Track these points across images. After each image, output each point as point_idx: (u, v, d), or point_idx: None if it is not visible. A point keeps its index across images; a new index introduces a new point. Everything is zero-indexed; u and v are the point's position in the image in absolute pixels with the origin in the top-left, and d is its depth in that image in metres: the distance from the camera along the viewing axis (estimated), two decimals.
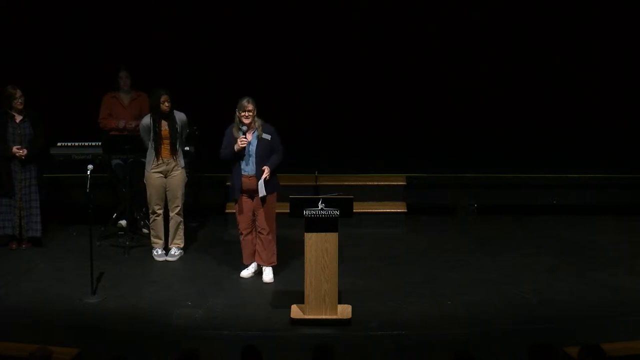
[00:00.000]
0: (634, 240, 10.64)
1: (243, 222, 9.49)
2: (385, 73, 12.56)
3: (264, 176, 9.23)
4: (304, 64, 12.39)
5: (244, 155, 9.31)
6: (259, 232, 9.44)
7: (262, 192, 9.25)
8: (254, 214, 9.43)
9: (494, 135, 12.23)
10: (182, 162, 10.04)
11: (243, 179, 9.35)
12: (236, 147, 9.25)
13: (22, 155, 10.12)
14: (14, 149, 10.10)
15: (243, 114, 9.25)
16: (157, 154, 9.93)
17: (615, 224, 11.22)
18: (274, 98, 11.53)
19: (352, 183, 11.25)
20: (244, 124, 9.30)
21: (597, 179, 11.61)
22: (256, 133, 9.30)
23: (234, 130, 9.35)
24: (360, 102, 12.54)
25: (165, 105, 9.86)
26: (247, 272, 9.63)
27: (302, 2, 12.35)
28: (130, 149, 10.29)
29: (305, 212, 8.45)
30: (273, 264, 9.50)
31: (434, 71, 12.53)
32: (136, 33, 12.14)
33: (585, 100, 12.41)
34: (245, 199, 9.41)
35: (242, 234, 9.54)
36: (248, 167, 9.35)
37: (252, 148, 9.30)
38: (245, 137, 9.26)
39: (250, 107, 9.26)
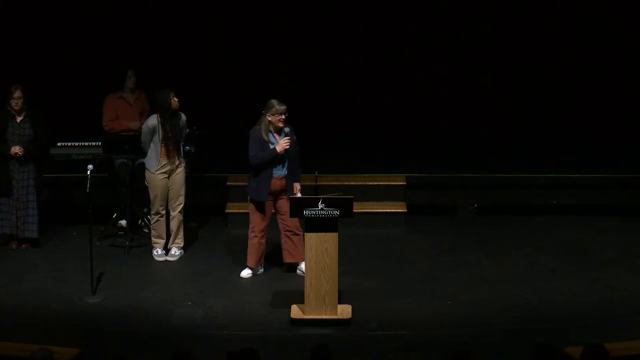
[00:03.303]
0: (634, 240, 10.64)
1: (260, 224, 9.44)
2: (385, 73, 12.56)
3: (297, 194, 9.27)
4: (303, 64, 12.40)
5: (279, 157, 9.28)
6: (286, 231, 9.38)
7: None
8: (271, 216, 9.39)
9: (494, 135, 12.23)
10: (183, 160, 10.05)
11: (273, 180, 9.32)
12: (279, 148, 9.21)
13: (18, 154, 10.09)
14: (12, 148, 10.09)
15: (280, 117, 9.21)
16: (166, 153, 9.89)
17: (616, 224, 11.21)
18: (274, 98, 11.55)
19: (352, 183, 11.23)
20: (278, 127, 9.25)
21: (597, 179, 11.60)
22: (283, 134, 9.31)
23: (264, 133, 9.29)
24: (360, 102, 12.55)
25: (175, 101, 9.86)
26: (246, 272, 9.62)
27: (302, 2, 12.35)
28: (130, 149, 10.29)
29: (305, 212, 8.46)
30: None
31: (434, 71, 12.53)
32: (136, 33, 12.14)
33: (585, 100, 12.41)
34: (267, 202, 9.38)
35: (256, 236, 9.48)
36: (279, 169, 9.34)
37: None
38: (289, 139, 9.24)
39: (285, 108, 9.22)
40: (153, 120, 9.92)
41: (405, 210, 11.31)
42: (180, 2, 12.32)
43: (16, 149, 10.08)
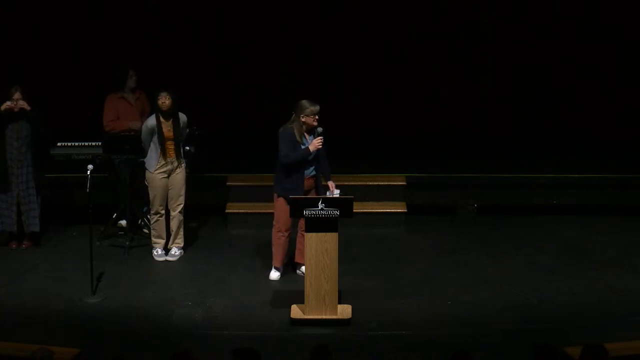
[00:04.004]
0: (634, 240, 10.65)
1: (287, 223, 9.38)
2: (385, 73, 12.55)
3: (334, 191, 9.21)
4: (303, 64, 12.39)
5: (311, 157, 9.30)
6: (303, 230, 9.36)
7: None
8: None
9: (494, 135, 12.22)
10: (183, 160, 10.04)
11: (305, 180, 9.33)
12: (312, 148, 9.21)
13: (19, 106, 10.02)
14: (7, 104, 10.02)
15: (315, 117, 9.24)
16: (163, 154, 9.91)
17: (616, 224, 11.21)
18: (274, 98, 11.56)
19: (352, 183, 11.23)
20: (311, 127, 9.27)
21: (597, 179, 11.61)
22: (316, 133, 9.34)
23: (297, 133, 9.28)
24: (360, 102, 12.54)
25: (160, 102, 9.85)
26: (276, 275, 9.56)
27: (302, 2, 12.35)
28: (131, 149, 10.29)
29: (305, 212, 8.47)
30: None
31: (434, 71, 12.53)
32: (136, 33, 12.13)
33: (585, 100, 12.40)
34: None
35: (283, 235, 9.44)
36: (310, 168, 9.35)
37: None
38: (322, 139, 9.26)
39: (319, 107, 9.25)
40: (152, 121, 9.93)
41: (405, 210, 11.31)
42: (180, 2, 12.31)
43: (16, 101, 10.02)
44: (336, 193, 9.15)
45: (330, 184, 9.42)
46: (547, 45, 12.43)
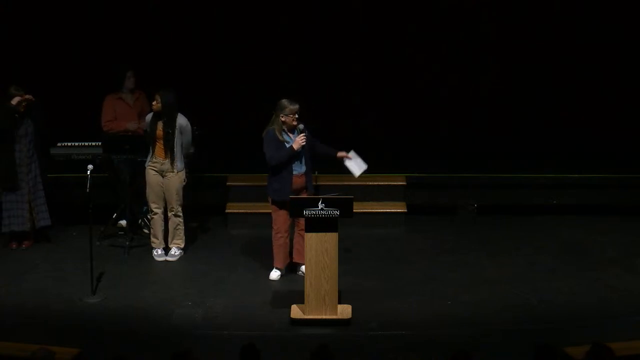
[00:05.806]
0: (634, 240, 10.65)
1: (285, 224, 9.40)
2: (385, 73, 12.55)
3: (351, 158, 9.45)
4: (303, 64, 12.39)
5: (297, 154, 9.30)
6: (301, 230, 9.35)
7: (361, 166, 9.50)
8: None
9: (494, 135, 12.22)
10: (179, 165, 10.01)
11: (294, 178, 9.33)
12: (296, 146, 9.23)
13: (29, 99, 10.05)
14: (16, 98, 10.05)
15: (294, 116, 9.25)
16: (152, 151, 9.98)
17: (616, 224, 11.22)
18: (274, 98, 11.53)
19: (352, 183, 11.21)
20: (292, 126, 9.29)
21: (597, 179, 11.61)
22: (297, 131, 9.34)
23: (278, 133, 9.31)
24: (360, 102, 12.54)
25: (153, 103, 9.92)
26: (276, 275, 9.56)
27: (302, 2, 12.35)
28: (130, 149, 10.30)
29: (305, 212, 8.47)
30: None
31: (434, 71, 12.53)
32: (136, 33, 12.14)
33: (585, 100, 12.41)
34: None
35: (282, 236, 9.44)
36: (298, 166, 9.36)
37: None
38: (305, 135, 9.26)
39: (298, 107, 9.25)
40: (148, 118, 10.04)
41: (405, 210, 11.31)
42: (180, 2, 12.32)
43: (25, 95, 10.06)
44: (353, 157, 9.49)
45: (341, 154, 9.51)
46: (547, 45, 12.43)
